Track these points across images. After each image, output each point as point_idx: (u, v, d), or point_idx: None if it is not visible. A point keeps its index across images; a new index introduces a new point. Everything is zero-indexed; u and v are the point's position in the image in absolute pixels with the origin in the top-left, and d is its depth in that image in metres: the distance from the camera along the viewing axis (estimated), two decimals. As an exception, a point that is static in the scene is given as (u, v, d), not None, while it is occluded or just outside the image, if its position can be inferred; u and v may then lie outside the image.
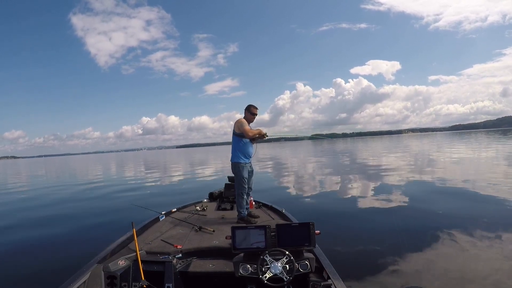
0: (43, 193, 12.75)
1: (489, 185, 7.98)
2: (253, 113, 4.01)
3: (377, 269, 3.29)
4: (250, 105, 4.04)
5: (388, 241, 4.17)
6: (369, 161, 18.58)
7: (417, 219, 5.13)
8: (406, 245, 3.96)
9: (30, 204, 9.86)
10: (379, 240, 4.24)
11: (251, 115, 4.00)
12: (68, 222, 6.67)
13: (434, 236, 4.20)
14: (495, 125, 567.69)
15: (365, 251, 3.84)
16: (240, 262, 2.15)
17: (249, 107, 4.01)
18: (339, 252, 3.79)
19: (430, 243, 3.94)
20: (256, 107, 4.03)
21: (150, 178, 16.39)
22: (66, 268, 3.49)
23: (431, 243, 3.94)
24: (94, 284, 2.24)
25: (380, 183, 9.36)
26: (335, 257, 3.51)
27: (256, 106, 4.03)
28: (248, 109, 4.01)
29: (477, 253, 3.62)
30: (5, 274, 3.87)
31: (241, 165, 3.89)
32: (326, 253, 2.47)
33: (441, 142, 41.35)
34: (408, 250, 3.76)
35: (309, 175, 13.39)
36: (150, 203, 7.34)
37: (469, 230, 4.37)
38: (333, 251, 3.62)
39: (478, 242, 3.93)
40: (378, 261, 3.48)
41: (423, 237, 4.17)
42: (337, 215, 5.81)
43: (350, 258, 3.61)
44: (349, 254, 3.76)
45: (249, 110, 4.00)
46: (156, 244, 2.93)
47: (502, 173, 10.02)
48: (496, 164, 12.82)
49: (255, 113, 4.02)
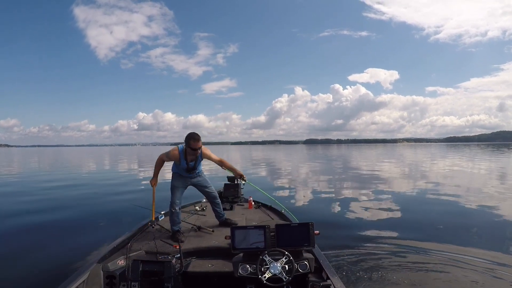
0: (38, 190, 12.63)
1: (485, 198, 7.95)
2: (192, 147, 3.13)
3: (376, 269, 3.29)
4: (190, 136, 3.14)
5: (387, 241, 4.18)
6: (366, 168, 18.61)
7: (415, 220, 5.15)
8: (405, 245, 3.97)
9: (26, 201, 9.79)
10: (378, 240, 4.25)
11: (191, 150, 3.17)
12: (66, 222, 6.64)
13: (433, 236, 4.22)
14: (489, 139, 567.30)
15: (364, 252, 3.85)
16: (240, 262, 2.15)
17: (188, 140, 3.14)
18: (339, 252, 3.79)
19: (430, 244, 3.96)
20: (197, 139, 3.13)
21: (149, 178, 16.27)
22: (65, 267, 3.49)
23: (430, 244, 3.96)
24: (93, 283, 2.24)
25: (378, 187, 9.42)
26: (334, 258, 3.53)
27: (196, 138, 3.13)
28: (187, 141, 3.15)
29: (474, 257, 3.61)
30: (3, 274, 3.86)
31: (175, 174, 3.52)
32: (326, 253, 2.48)
33: (437, 153, 41.30)
34: (407, 251, 3.77)
35: (308, 178, 13.40)
36: (149, 202, 7.32)
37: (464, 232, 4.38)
38: (332, 252, 3.63)
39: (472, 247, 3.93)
40: (377, 261, 3.49)
41: (422, 238, 4.19)
42: (336, 215, 5.82)
43: (349, 258, 3.61)
44: (348, 254, 3.76)
45: (187, 144, 3.16)
46: (155, 244, 2.93)
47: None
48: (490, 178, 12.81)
49: (194, 148, 3.13)
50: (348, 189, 9.27)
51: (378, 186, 9.55)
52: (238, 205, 4.59)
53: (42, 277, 3.63)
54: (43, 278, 3.58)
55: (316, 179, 12.32)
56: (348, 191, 8.86)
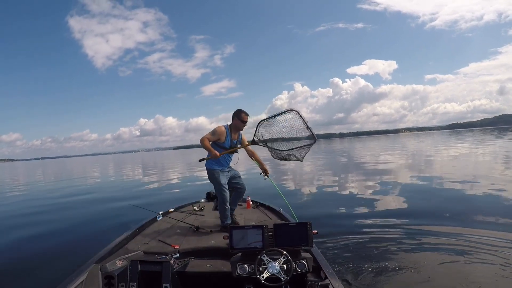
0: (40, 194, 12.68)
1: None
2: (243, 120, 3.50)
3: (374, 268, 3.30)
4: (240, 110, 3.53)
5: (386, 241, 4.19)
6: (366, 161, 18.64)
7: (415, 219, 5.14)
8: (405, 245, 3.98)
9: (27, 205, 9.79)
10: (377, 239, 4.26)
11: (241, 123, 3.51)
12: (65, 223, 6.63)
13: (433, 236, 4.22)
14: (492, 123, 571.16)
15: (362, 251, 3.85)
16: (238, 262, 2.16)
17: (239, 113, 3.50)
18: (337, 251, 3.80)
19: (430, 244, 3.95)
20: (247, 114, 3.53)
21: (148, 179, 16.32)
22: (64, 268, 3.49)
23: (430, 244, 3.95)
24: (91, 284, 2.24)
25: (378, 183, 9.38)
26: (333, 257, 3.54)
27: (246, 113, 3.53)
28: (237, 115, 3.51)
29: (479, 254, 3.62)
30: (2, 274, 3.85)
31: (216, 172, 3.52)
32: (324, 252, 2.49)
33: (439, 141, 41.47)
34: (407, 250, 3.78)
35: (306, 175, 13.40)
36: (147, 203, 7.33)
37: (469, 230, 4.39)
38: (330, 251, 3.64)
39: (479, 242, 3.94)
40: (375, 260, 3.49)
41: (422, 237, 4.19)
42: (334, 214, 5.83)
43: (347, 257, 3.62)
44: (347, 253, 3.78)
45: (238, 117, 3.50)
46: (154, 244, 2.93)
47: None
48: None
49: (245, 120, 3.51)
50: (348, 187, 9.25)
51: (380, 182, 9.48)
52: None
53: (41, 277, 3.64)
54: (42, 278, 3.58)
55: (315, 176, 12.30)
56: (348, 189, 8.84)
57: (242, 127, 3.57)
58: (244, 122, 3.53)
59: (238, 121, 3.51)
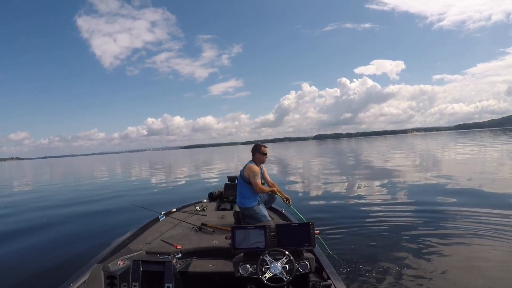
0: (44, 194, 12.74)
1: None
2: (264, 153, 3.67)
3: (377, 269, 3.28)
4: (259, 145, 3.72)
5: (388, 242, 4.17)
6: (372, 161, 18.55)
7: (420, 220, 5.10)
8: (406, 246, 3.95)
9: (31, 205, 9.86)
10: (380, 240, 4.23)
11: (262, 156, 3.68)
12: (68, 222, 6.67)
13: (436, 238, 4.19)
14: (500, 124, 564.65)
15: (365, 252, 3.83)
16: (240, 262, 2.15)
17: (259, 148, 3.68)
18: (339, 252, 3.78)
19: (432, 245, 3.93)
20: (266, 146, 3.74)
21: (151, 179, 16.35)
22: (66, 268, 3.50)
23: (433, 245, 3.93)
24: (94, 284, 2.24)
25: (384, 184, 9.32)
26: (335, 257, 3.52)
27: (265, 145, 3.74)
28: (257, 149, 3.68)
29: (484, 255, 3.59)
30: (5, 274, 3.87)
31: (255, 208, 3.54)
32: (326, 253, 2.47)
33: (448, 142, 40.98)
34: (409, 251, 3.75)
35: (309, 175, 13.37)
36: (150, 203, 7.34)
37: (475, 233, 4.34)
38: (333, 251, 3.62)
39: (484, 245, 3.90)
40: (378, 261, 3.47)
41: (425, 239, 4.16)
42: (337, 215, 5.80)
43: (350, 258, 3.60)
44: (349, 254, 3.76)
45: (259, 151, 3.67)
46: (156, 244, 2.93)
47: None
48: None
49: (265, 152, 3.70)
50: (352, 187, 9.20)
51: (384, 183, 9.41)
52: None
53: (43, 277, 3.65)
54: (44, 278, 3.60)
55: (319, 177, 12.26)
56: (351, 189, 8.79)
57: (264, 160, 3.72)
58: (265, 154, 3.69)
59: (260, 155, 3.67)
